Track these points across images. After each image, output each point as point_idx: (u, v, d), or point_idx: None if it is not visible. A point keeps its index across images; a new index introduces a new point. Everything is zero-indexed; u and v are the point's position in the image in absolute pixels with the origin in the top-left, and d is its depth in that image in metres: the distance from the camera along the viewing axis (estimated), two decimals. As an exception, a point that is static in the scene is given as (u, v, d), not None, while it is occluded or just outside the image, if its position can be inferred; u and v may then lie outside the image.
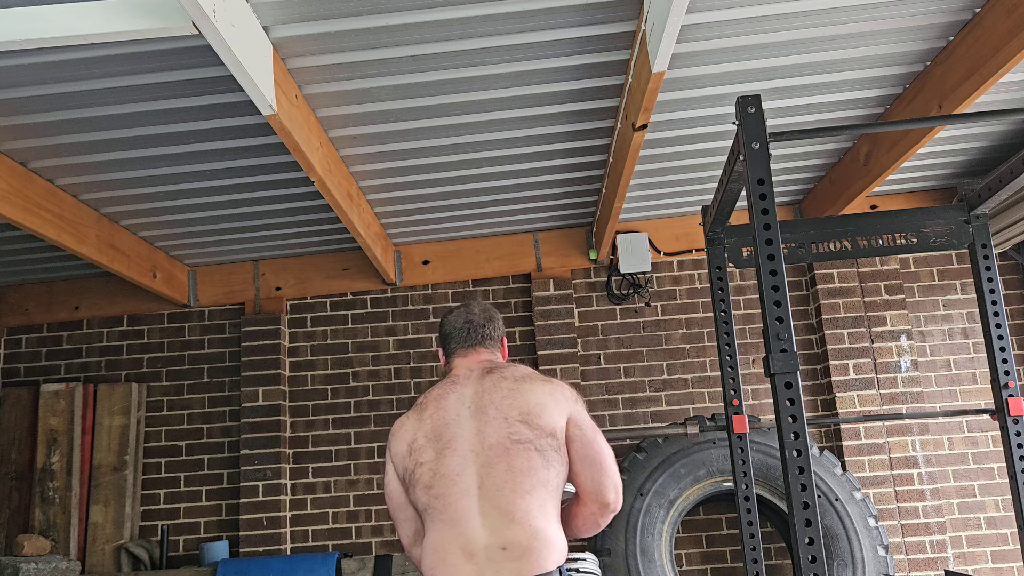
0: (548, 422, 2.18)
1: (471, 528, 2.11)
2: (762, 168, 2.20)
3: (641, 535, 4.11)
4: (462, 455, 2.17)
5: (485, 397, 2.24)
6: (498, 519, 2.10)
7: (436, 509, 2.16)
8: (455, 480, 2.15)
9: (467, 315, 2.48)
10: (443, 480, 2.16)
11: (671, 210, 4.86)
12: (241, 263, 5.10)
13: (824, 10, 2.89)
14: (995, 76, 2.94)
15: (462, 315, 2.49)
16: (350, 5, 2.61)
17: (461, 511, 2.13)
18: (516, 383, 2.26)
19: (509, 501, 2.10)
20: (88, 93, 3.00)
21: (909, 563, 4.43)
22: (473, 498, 2.13)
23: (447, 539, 2.13)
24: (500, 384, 2.26)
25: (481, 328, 2.46)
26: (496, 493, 2.12)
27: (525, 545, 2.08)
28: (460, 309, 2.53)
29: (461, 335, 2.45)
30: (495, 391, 2.25)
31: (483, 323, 2.47)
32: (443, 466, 2.17)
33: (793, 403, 2.05)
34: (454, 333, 2.46)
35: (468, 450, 2.17)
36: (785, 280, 2.12)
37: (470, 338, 2.44)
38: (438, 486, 2.16)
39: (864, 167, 4.03)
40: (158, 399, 5.03)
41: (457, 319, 2.48)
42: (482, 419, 2.21)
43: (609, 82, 3.25)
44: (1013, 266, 4.92)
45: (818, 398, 4.80)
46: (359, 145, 3.64)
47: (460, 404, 2.26)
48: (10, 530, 4.72)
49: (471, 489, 2.14)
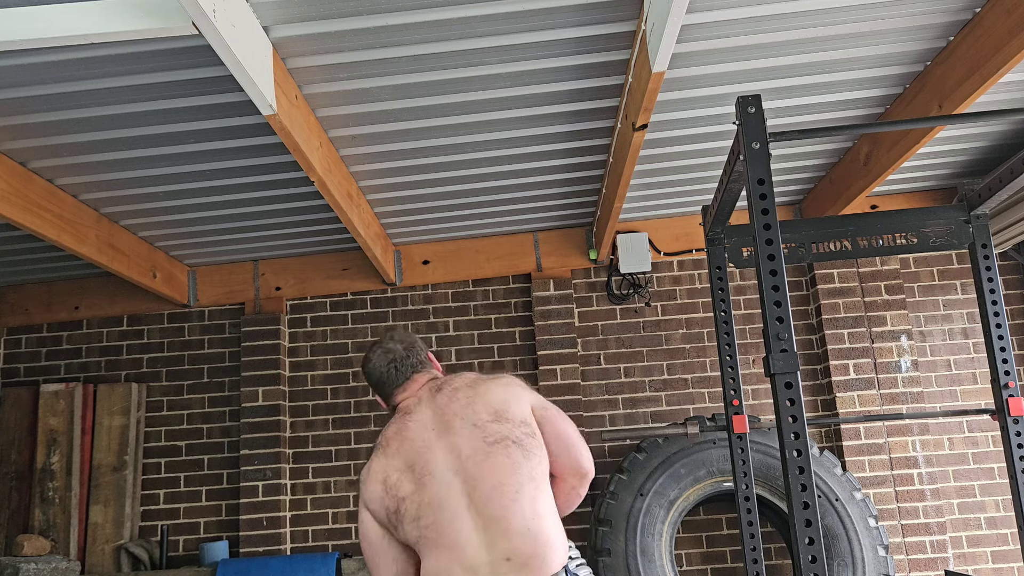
0: (517, 413, 2.18)
1: (470, 547, 2.07)
2: (762, 168, 2.20)
3: (641, 535, 4.11)
4: (441, 478, 2.12)
5: (447, 412, 2.20)
6: (495, 532, 2.07)
7: (430, 539, 2.10)
8: (442, 505, 2.09)
9: (387, 355, 2.36)
10: (430, 508, 2.10)
11: (671, 210, 4.86)
12: (241, 263, 5.10)
13: (824, 10, 2.89)
14: (995, 76, 2.94)
15: (382, 357, 2.36)
16: (350, 5, 2.61)
17: (456, 533, 2.08)
18: (471, 388, 2.23)
19: (501, 508, 2.07)
20: (88, 93, 3.00)
21: (909, 563, 4.43)
22: (465, 518, 2.08)
23: (446, 561, 2.07)
24: (456, 396, 2.22)
25: (406, 360, 2.35)
26: (487, 504, 2.08)
27: (528, 552, 2.06)
28: (377, 351, 2.39)
29: (391, 376, 2.34)
30: (453, 403, 2.21)
31: (406, 355, 2.36)
32: (426, 495, 2.11)
33: (793, 403, 2.05)
34: (384, 378, 2.35)
35: (446, 470, 2.13)
36: (785, 280, 2.12)
37: (400, 375, 2.34)
38: (426, 516, 2.10)
39: (864, 167, 4.03)
40: (158, 399, 5.03)
41: (379, 363, 2.36)
42: (451, 434, 2.16)
43: (609, 82, 3.25)
44: (1013, 266, 4.92)
45: (818, 398, 4.80)
46: (359, 145, 3.64)
47: (423, 429, 2.21)
48: (10, 530, 4.72)
49: (460, 509, 2.09)
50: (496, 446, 2.11)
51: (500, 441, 2.12)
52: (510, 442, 2.12)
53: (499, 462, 2.10)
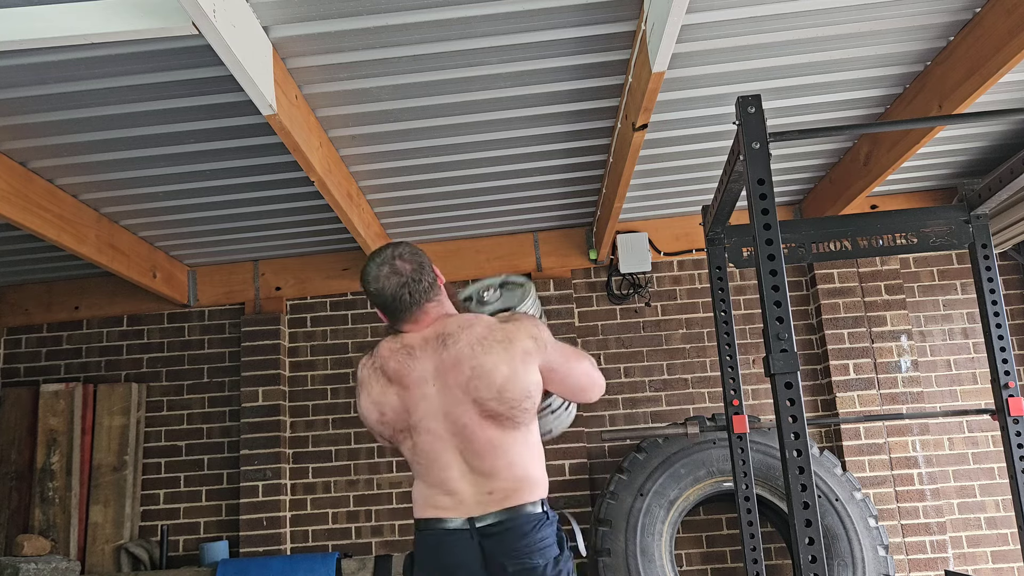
0: (521, 390, 2.17)
1: (457, 487, 2.20)
2: (762, 168, 2.20)
3: (641, 535, 4.11)
4: (437, 434, 2.20)
5: (449, 377, 2.17)
6: (482, 479, 2.19)
7: (419, 473, 2.26)
8: (437, 456, 2.21)
9: (396, 277, 2.19)
10: (423, 454, 2.23)
11: (671, 210, 4.86)
12: (241, 263, 5.10)
13: (824, 10, 2.89)
14: (995, 76, 2.94)
15: (390, 278, 2.19)
16: (350, 5, 2.61)
17: (444, 478, 2.21)
18: (479, 355, 2.15)
19: (490, 466, 2.18)
20: (88, 93, 3.00)
21: (909, 563, 4.43)
22: (455, 468, 2.20)
23: (433, 491, 2.23)
24: (461, 362, 2.16)
25: (417, 284, 2.20)
26: (478, 461, 2.19)
27: (510, 488, 2.18)
28: (383, 268, 2.20)
29: (401, 302, 2.20)
30: (459, 370, 2.16)
31: (416, 278, 2.21)
32: (421, 442, 2.22)
33: (793, 403, 2.05)
34: (392, 303, 2.20)
35: (443, 430, 2.20)
36: (785, 280, 2.12)
37: (412, 301, 2.20)
38: (420, 457, 2.23)
39: (864, 167, 4.03)
40: (158, 399, 5.03)
41: (387, 285, 2.19)
42: (451, 399, 2.18)
43: (609, 82, 3.25)
44: (1013, 266, 4.92)
45: (818, 398, 4.80)
46: (359, 145, 3.64)
47: (424, 382, 2.20)
48: (10, 530, 4.72)
49: (452, 462, 2.20)
50: (491, 420, 2.18)
51: (496, 416, 2.17)
52: (505, 418, 2.18)
53: (493, 434, 2.18)
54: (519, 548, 2.14)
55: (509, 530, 2.15)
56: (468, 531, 2.16)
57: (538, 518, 2.18)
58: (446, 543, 2.19)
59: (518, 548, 2.14)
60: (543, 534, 2.17)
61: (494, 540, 2.15)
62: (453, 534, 2.18)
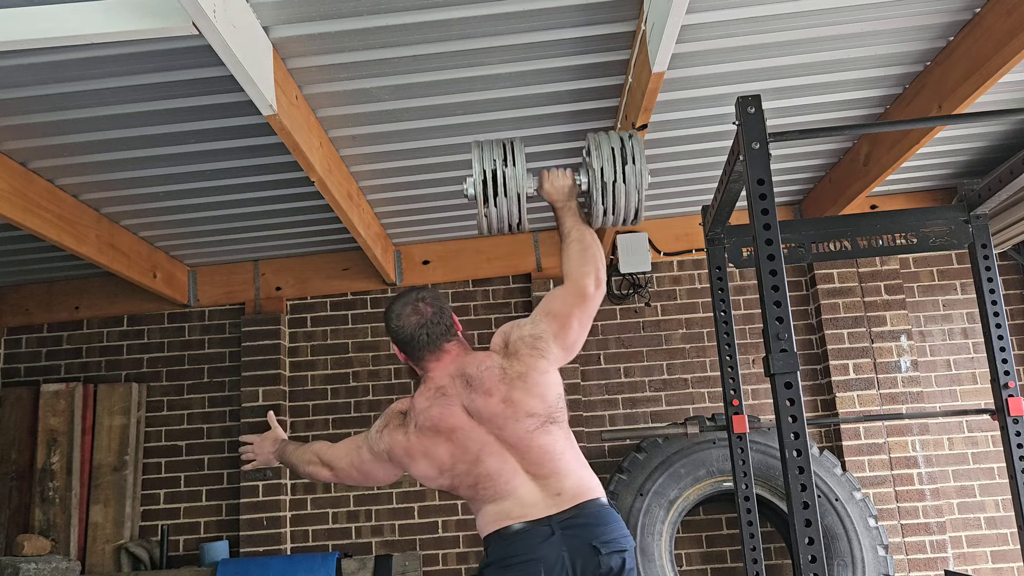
0: (545, 406, 2.28)
1: (525, 496, 2.26)
2: (762, 168, 2.20)
3: (641, 535, 4.11)
4: (494, 456, 2.26)
5: (483, 413, 2.28)
6: (546, 483, 2.26)
7: (486, 498, 2.29)
8: (498, 475, 2.26)
9: (417, 316, 2.34)
10: (485, 479, 2.27)
11: (671, 210, 4.86)
12: (241, 263, 5.10)
13: (824, 10, 2.89)
14: (995, 76, 2.94)
15: (412, 317, 2.34)
16: (350, 5, 2.61)
17: (510, 490, 2.26)
18: (504, 390, 2.27)
19: (550, 469, 2.26)
20: (88, 93, 3.00)
21: (909, 563, 4.43)
22: (518, 479, 2.26)
23: (501, 505, 2.27)
24: (489, 400, 2.27)
25: (436, 326, 2.34)
26: (536, 468, 2.26)
27: (575, 486, 2.26)
28: (406, 308, 2.36)
29: (422, 342, 2.34)
30: (489, 405, 2.27)
31: (436, 320, 2.35)
32: (482, 470, 2.27)
33: (793, 403, 2.05)
34: (414, 342, 2.35)
35: (498, 451, 2.27)
36: (785, 280, 2.12)
37: (432, 342, 2.34)
38: (483, 483, 2.28)
39: (864, 167, 4.03)
40: (158, 399, 5.03)
41: (408, 324, 2.34)
42: (494, 424, 2.27)
43: (609, 82, 3.25)
44: (1013, 266, 4.92)
45: (818, 398, 4.80)
46: (359, 145, 3.64)
47: (465, 418, 2.29)
48: (10, 530, 4.72)
49: (514, 476, 2.26)
50: (536, 432, 2.26)
51: (539, 428, 2.26)
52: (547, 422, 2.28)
53: (543, 441, 2.26)
54: (606, 532, 2.22)
55: (591, 519, 2.23)
56: (548, 527, 2.21)
57: (612, 509, 2.31)
58: (523, 539, 2.22)
59: (605, 532, 2.22)
60: (621, 524, 2.29)
61: (575, 531, 2.21)
62: (530, 531, 2.22)
